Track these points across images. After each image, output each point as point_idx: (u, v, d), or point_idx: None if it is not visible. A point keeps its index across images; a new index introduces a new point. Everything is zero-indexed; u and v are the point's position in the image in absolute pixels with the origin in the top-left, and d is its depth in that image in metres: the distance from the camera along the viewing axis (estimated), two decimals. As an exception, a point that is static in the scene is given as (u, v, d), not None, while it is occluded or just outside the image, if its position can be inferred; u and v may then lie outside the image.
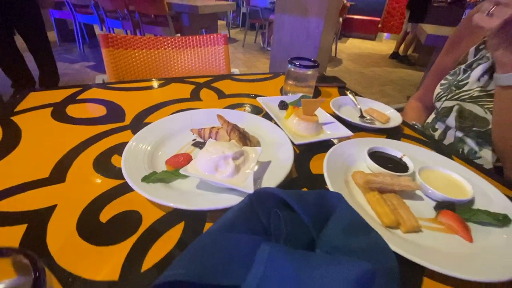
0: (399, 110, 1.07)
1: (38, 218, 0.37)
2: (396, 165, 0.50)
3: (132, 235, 0.36)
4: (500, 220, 0.40)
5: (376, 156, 0.51)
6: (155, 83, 0.85)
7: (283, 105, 0.71)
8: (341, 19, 4.59)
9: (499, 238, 0.38)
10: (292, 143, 0.53)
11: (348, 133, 0.58)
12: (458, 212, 0.41)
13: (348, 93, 0.81)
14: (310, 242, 0.33)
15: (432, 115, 0.88)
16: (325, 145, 0.57)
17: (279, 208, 0.35)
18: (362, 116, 0.71)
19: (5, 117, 0.60)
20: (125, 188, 0.42)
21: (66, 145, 0.52)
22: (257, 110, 0.72)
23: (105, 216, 0.38)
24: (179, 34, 3.29)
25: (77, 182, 0.44)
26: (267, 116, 0.67)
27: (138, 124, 0.61)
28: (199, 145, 0.53)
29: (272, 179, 0.42)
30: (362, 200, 0.43)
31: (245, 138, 0.49)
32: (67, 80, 2.87)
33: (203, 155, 0.41)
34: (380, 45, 6.18)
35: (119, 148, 0.52)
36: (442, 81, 0.80)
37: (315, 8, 2.65)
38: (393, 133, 0.67)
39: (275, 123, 0.61)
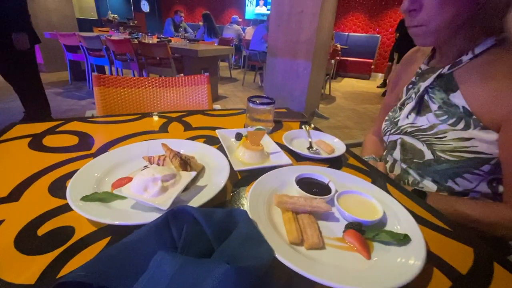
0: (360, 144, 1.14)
1: (-16, 230, 0.42)
2: (321, 189, 0.55)
3: (60, 246, 0.40)
4: (401, 240, 0.43)
5: (305, 182, 0.56)
6: (131, 117, 0.94)
7: (238, 137, 0.78)
8: (333, 61, 4.92)
9: (398, 256, 0.41)
10: (233, 169, 0.59)
11: (288, 161, 0.64)
12: (366, 232, 0.45)
13: (303, 126, 0.89)
14: (209, 252, 0.37)
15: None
16: (266, 172, 0.62)
17: (190, 223, 0.40)
18: (310, 147, 0.77)
19: (-13, 145, 0.69)
20: (69, 207, 0.47)
21: (33, 169, 0.59)
22: (216, 142, 0.80)
23: (42, 230, 0.43)
24: (182, 75, 3.56)
25: (29, 201, 0.50)
26: (222, 147, 0.74)
27: (101, 152, 0.68)
28: (148, 170, 0.60)
29: (199, 200, 0.48)
30: (280, 219, 0.47)
31: (185, 164, 0.56)
32: (71, 115, 3.06)
33: (137, 178, 0.47)
34: (374, 83, 6.49)
35: (77, 173, 0.59)
36: (386, 117, 0.87)
37: (303, 52, 2.89)
38: (337, 162, 0.72)
39: (226, 153, 0.68)
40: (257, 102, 0.84)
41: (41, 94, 2.54)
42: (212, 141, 0.80)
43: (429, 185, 0.73)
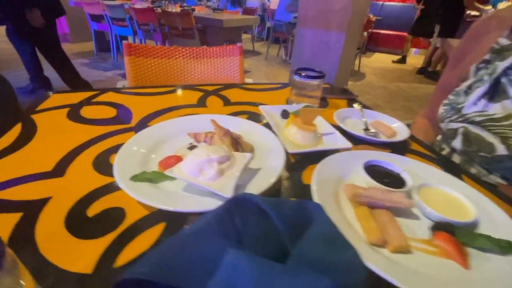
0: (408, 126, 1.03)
1: (32, 208, 0.40)
2: (394, 180, 0.47)
3: (112, 230, 0.37)
4: (503, 247, 0.36)
5: (373, 170, 0.49)
6: (166, 90, 0.88)
7: (284, 114, 0.70)
8: (365, 34, 4.54)
9: (500, 267, 0.34)
10: (287, 152, 0.52)
11: (347, 144, 0.56)
12: (457, 236, 0.37)
13: (355, 105, 0.79)
14: (282, 251, 0.32)
15: (440, 135, 0.83)
16: (322, 156, 0.55)
17: (256, 214, 0.35)
18: (366, 129, 0.68)
19: (26, 115, 0.66)
20: (117, 186, 0.43)
21: (74, 142, 0.56)
22: (259, 119, 0.73)
23: (92, 211, 0.40)
24: (205, 46, 3.43)
25: (74, 177, 0.46)
26: (268, 125, 0.67)
27: (142, 126, 0.64)
28: (193, 147, 0.55)
29: (257, 187, 0.42)
30: (351, 214, 0.41)
31: (237, 144, 0.50)
32: (96, 87, 3.08)
33: (190, 158, 0.42)
34: (407, 60, 5.99)
35: (119, 148, 0.55)
36: (445, 101, 0.75)
37: (337, 23, 2.65)
38: (398, 148, 0.63)
39: (274, 131, 0.61)
40: (305, 75, 0.75)
41: (69, 66, 2.59)
42: (255, 118, 0.73)
43: (497, 180, 0.63)
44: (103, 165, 0.50)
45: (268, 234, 0.33)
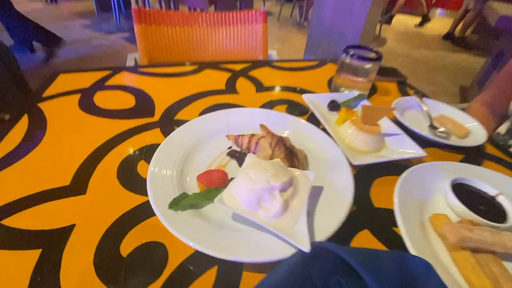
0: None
1: (54, 241, 0.32)
2: (489, 207, 0.38)
3: (156, 279, 0.30)
4: None
5: (461, 191, 0.39)
6: (188, 69, 0.76)
7: (333, 106, 0.59)
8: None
9: None
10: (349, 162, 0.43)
11: (421, 152, 0.46)
12: None
13: (413, 93, 0.67)
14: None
15: (506, 126, 0.71)
16: (387, 165, 0.46)
17: (341, 273, 0.26)
18: (432, 127, 0.57)
19: (33, 103, 0.57)
20: (150, 209, 0.35)
21: (91, 143, 0.47)
22: (301, 109, 0.62)
23: (126, 247, 0.32)
24: (213, 6, 3.13)
25: (98, 196, 0.38)
26: (312, 119, 0.57)
27: (167, 121, 0.54)
28: (235, 155, 0.45)
29: (328, 218, 0.33)
30: (445, 257, 0.33)
31: (292, 156, 0.40)
32: (102, 52, 2.90)
33: (243, 183, 0.33)
34: (431, 23, 5.47)
35: (146, 153, 0.46)
36: None
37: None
38: (473, 154, 0.53)
39: (324, 129, 0.50)
40: (358, 56, 0.61)
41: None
42: (295, 108, 0.62)
43: None
44: (130, 177, 0.41)
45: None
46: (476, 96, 0.86)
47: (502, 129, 0.74)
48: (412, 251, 0.31)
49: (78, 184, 0.40)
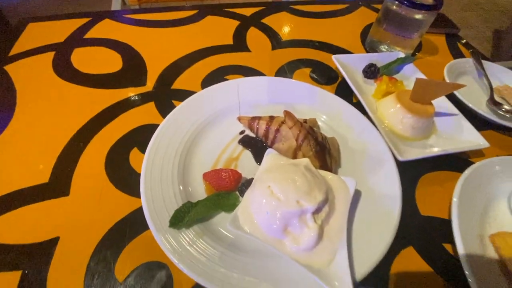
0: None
1: (35, 260, 0.27)
2: None
3: (158, 313, 0.25)
4: None
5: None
6: (186, 14, 0.61)
7: (371, 72, 0.47)
8: None
9: None
10: (394, 156, 0.34)
11: (483, 143, 0.37)
12: None
13: (469, 53, 0.53)
14: None
15: None
16: (437, 157, 0.37)
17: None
18: (493, 102, 0.46)
19: (-3, 65, 0.46)
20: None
21: (71, 124, 0.38)
22: (329, 74, 0.50)
23: (121, 269, 0.27)
24: None
25: (84, 198, 0.31)
26: (343, 89, 0.46)
27: (163, 91, 0.44)
28: (249, 143, 0.36)
29: (370, 239, 0.26)
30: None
31: (323, 153, 0.31)
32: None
33: (264, 202, 0.25)
34: None
35: (140, 137, 0.37)
36: None
37: None
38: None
39: (358, 103, 0.40)
40: (410, 2, 0.46)
41: None
42: (321, 72, 0.50)
43: None
44: (121, 172, 0.34)
45: None
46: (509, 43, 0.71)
47: None
48: (471, 279, 0.25)
49: (59, 182, 0.32)
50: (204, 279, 0.23)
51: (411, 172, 0.36)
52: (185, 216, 0.27)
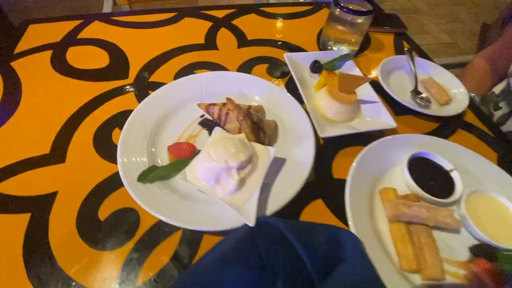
0: (463, 64, 0.84)
1: (40, 206, 0.37)
2: (441, 182, 0.40)
3: (129, 239, 0.35)
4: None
5: (419, 166, 0.41)
6: (166, 16, 0.70)
7: (316, 67, 0.56)
8: None
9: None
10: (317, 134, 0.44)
11: (392, 124, 0.46)
12: (499, 261, 0.34)
13: (407, 52, 0.62)
14: (309, 286, 0.30)
15: (502, 85, 0.68)
16: (358, 136, 0.47)
17: (282, 243, 0.31)
18: (415, 92, 0.55)
19: (5, 62, 0.55)
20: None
21: (67, 109, 0.48)
22: (283, 69, 0.59)
23: (103, 212, 0.37)
24: None
25: (77, 165, 0.41)
26: (292, 82, 0.55)
27: (142, 83, 0.53)
28: (207, 124, 0.46)
29: (284, 190, 0.37)
30: (384, 227, 0.37)
31: (258, 130, 0.41)
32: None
33: (204, 161, 0.35)
34: None
35: (120, 120, 0.47)
36: None
37: None
38: (450, 122, 0.53)
39: (300, 94, 0.49)
40: (348, 9, 0.55)
41: None
42: (277, 68, 0.59)
43: None
44: (105, 145, 0.44)
45: (294, 266, 0.30)
46: (495, 39, 0.80)
47: (498, 88, 0.71)
48: (350, 220, 0.35)
49: (58, 153, 0.43)
50: (162, 215, 0.33)
51: (333, 146, 0.46)
52: (149, 174, 0.37)
